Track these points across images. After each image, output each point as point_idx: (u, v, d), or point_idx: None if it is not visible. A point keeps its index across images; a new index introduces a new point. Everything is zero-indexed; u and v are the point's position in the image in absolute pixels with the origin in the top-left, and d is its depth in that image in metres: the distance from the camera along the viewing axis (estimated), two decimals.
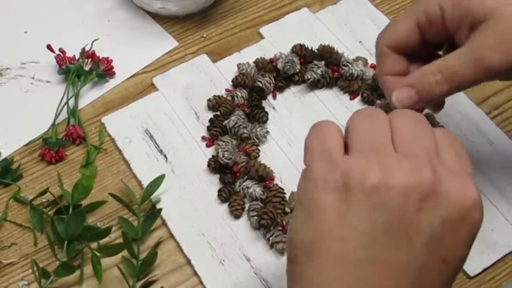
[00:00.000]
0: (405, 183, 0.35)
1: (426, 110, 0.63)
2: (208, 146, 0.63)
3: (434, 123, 0.62)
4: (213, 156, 0.61)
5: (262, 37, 0.71)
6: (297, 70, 0.66)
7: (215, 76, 0.68)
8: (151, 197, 0.58)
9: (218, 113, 0.64)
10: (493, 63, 0.43)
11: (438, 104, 0.52)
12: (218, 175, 0.60)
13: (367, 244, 0.35)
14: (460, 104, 0.65)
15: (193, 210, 0.59)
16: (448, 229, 0.36)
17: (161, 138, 0.63)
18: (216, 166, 0.60)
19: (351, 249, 0.35)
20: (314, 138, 0.38)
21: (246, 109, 0.64)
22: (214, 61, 0.69)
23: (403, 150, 0.37)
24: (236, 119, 0.62)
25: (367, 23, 0.72)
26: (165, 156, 0.62)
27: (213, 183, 0.60)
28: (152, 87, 0.67)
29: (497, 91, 0.66)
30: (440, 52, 0.53)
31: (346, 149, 0.38)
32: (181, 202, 0.59)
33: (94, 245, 0.56)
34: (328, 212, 0.36)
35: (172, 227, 0.58)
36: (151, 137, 0.63)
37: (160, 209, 0.58)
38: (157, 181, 0.59)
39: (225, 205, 0.59)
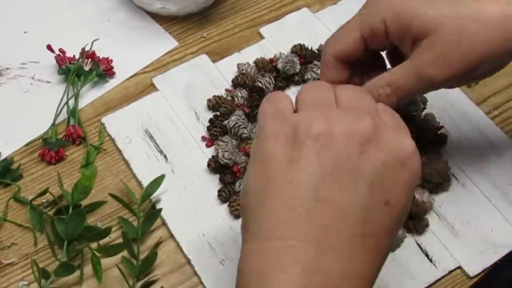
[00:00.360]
0: (348, 129, 0.39)
1: (427, 110, 0.63)
2: (208, 146, 0.63)
3: (434, 123, 0.62)
4: (213, 156, 0.61)
5: (262, 37, 0.71)
6: (297, 70, 0.66)
7: (215, 76, 0.68)
8: (151, 197, 0.58)
9: (218, 113, 0.64)
10: (435, 77, 0.46)
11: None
12: (218, 175, 0.60)
13: (315, 186, 0.38)
14: (460, 104, 0.65)
15: (193, 210, 0.59)
16: (389, 172, 0.39)
17: (161, 138, 0.63)
18: (216, 166, 0.60)
19: (301, 191, 0.38)
20: (267, 103, 0.43)
21: (246, 109, 0.64)
22: (214, 61, 0.69)
23: (345, 108, 0.41)
24: (236, 119, 0.62)
25: None
26: (165, 156, 0.62)
27: (213, 183, 0.60)
28: (152, 87, 0.67)
29: (497, 91, 0.66)
30: (383, 53, 0.53)
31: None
32: (181, 202, 0.59)
33: (94, 245, 0.56)
34: (278, 160, 0.39)
35: (172, 227, 0.58)
36: (151, 137, 0.63)
37: (160, 209, 0.58)
38: (157, 181, 0.59)
39: (225, 205, 0.59)
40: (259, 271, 0.38)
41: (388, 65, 0.53)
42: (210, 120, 0.63)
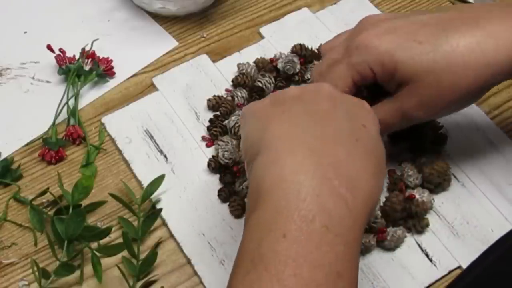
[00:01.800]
0: (315, 87, 0.48)
1: None
2: (208, 146, 0.63)
3: (434, 123, 0.62)
4: (213, 156, 0.61)
5: (262, 37, 0.71)
6: (297, 70, 0.66)
7: (215, 76, 0.68)
8: (151, 197, 0.58)
9: (218, 113, 0.64)
10: (418, 117, 0.52)
11: None
12: (218, 175, 0.60)
13: (305, 113, 0.46)
14: None
15: (193, 210, 0.59)
16: (356, 108, 0.48)
17: (161, 138, 0.63)
18: (216, 166, 0.60)
19: (293, 134, 0.45)
20: (248, 108, 0.50)
21: None
22: (214, 61, 0.69)
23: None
24: (236, 119, 0.62)
25: None
26: (165, 156, 0.62)
27: (213, 183, 0.60)
28: (152, 87, 0.67)
29: (497, 91, 0.66)
30: None
31: None
32: (181, 202, 0.59)
33: (94, 245, 0.56)
34: (271, 115, 0.47)
35: (172, 227, 0.58)
36: (151, 137, 0.63)
37: (160, 209, 0.58)
38: (157, 181, 0.59)
39: (225, 205, 0.59)
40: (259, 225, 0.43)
41: None
42: (210, 120, 0.63)
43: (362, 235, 0.43)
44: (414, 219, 0.57)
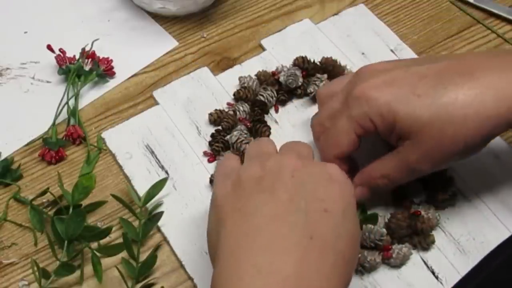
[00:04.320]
0: (277, 163, 0.47)
1: None
2: (210, 161, 0.61)
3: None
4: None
5: (263, 49, 0.70)
6: (300, 84, 0.65)
7: (216, 89, 0.67)
8: (152, 201, 0.58)
9: (220, 127, 0.63)
10: (423, 170, 0.52)
11: None
12: None
13: (257, 207, 0.45)
14: None
15: (195, 227, 0.57)
16: (320, 186, 0.46)
17: (162, 153, 0.62)
18: None
19: (248, 214, 0.45)
20: (219, 166, 0.52)
21: (248, 124, 0.63)
22: (215, 74, 0.68)
23: (280, 152, 0.51)
24: (238, 134, 0.61)
25: (369, 34, 0.71)
26: (166, 172, 0.61)
27: None
28: (152, 87, 0.67)
29: None
30: None
31: None
32: (183, 219, 0.58)
33: (94, 245, 0.56)
34: (229, 211, 0.46)
35: (174, 245, 0.56)
36: (152, 152, 0.62)
37: (162, 212, 0.57)
38: (159, 184, 0.58)
39: None
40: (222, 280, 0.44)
41: None
42: (212, 135, 0.62)
43: None
44: (419, 236, 0.56)
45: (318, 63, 0.67)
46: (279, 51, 0.70)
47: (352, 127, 0.53)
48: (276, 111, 0.66)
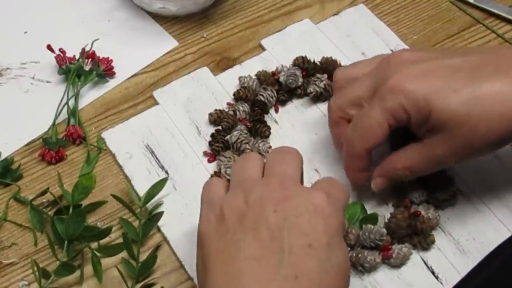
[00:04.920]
0: (260, 196, 0.46)
1: None
2: (210, 161, 0.61)
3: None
4: (215, 172, 0.60)
5: (263, 49, 0.70)
6: (300, 84, 0.65)
7: (216, 89, 0.67)
8: (152, 201, 0.58)
9: (220, 127, 0.63)
10: (449, 163, 0.53)
11: None
12: None
13: (240, 248, 0.44)
14: None
15: (195, 227, 0.56)
16: (304, 220, 0.44)
17: (162, 153, 0.62)
18: None
19: (231, 258, 0.44)
20: (204, 190, 0.51)
21: (248, 124, 0.63)
22: (215, 74, 0.68)
23: (266, 175, 0.49)
24: (238, 134, 0.61)
25: (369, 34, 0.71)
26: (166, 172, 0.61)
27: None
28: (152, 87, 0.67)
29: None
30: None
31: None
32: (182, 220, 0.58)
33: (94, 245, 0.56)
34: (213, 251, 0.45)
35: (174, 245, 0.56)
36: (152, 152, 0.62)
37: (162, 212, 0.57)
38: (159, 184, 0.58)
39: None
40: None
41: None
42: (212, 135, 0.62)
43: None
44: (419, 236, 0.56)
45: (318, 63, 0.67)
46: (279, 51, 0.70)
47: (386, 119, 0.52)
48: (276, 111, 0.66)
